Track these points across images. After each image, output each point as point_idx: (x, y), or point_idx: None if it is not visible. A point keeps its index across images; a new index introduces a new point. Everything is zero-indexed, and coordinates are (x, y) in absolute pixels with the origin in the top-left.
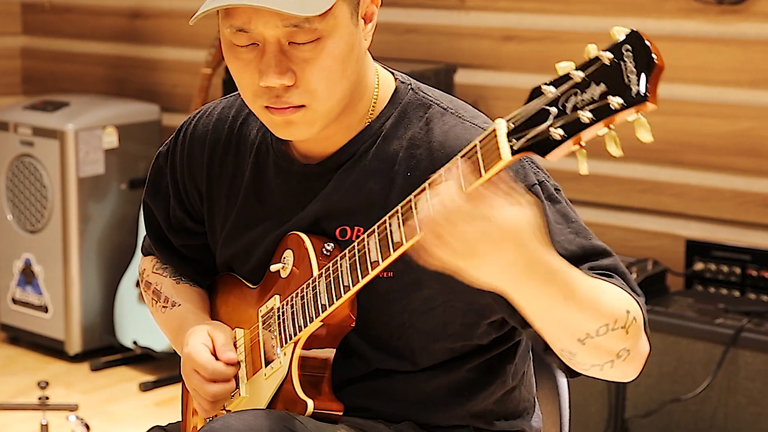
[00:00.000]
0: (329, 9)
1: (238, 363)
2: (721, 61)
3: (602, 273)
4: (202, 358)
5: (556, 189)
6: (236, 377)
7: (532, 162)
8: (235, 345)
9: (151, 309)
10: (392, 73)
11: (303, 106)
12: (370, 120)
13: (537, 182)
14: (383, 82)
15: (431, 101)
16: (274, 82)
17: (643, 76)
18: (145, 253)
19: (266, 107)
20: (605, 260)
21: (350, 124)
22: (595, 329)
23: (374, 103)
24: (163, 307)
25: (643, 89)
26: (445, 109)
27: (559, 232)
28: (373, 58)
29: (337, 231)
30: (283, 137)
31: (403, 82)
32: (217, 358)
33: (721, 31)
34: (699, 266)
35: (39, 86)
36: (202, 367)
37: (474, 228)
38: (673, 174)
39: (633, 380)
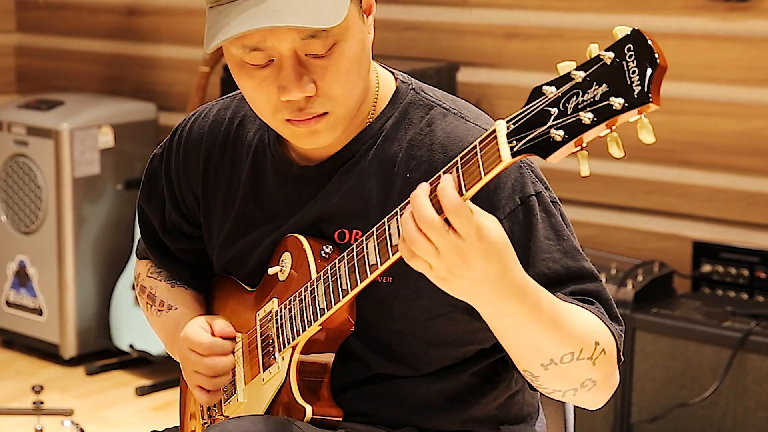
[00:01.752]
0: None
1: (235, 339)
2: (729, 59)
3: (583, 298)
4: (198, 337)
5: (553, 202)
6: (234, 382)
7: (532, 171)
8: (232, 350)
9: (146, 313)
10: (392, 73)
11: (326, 113)
12: (370, 121)
13: (534, 193)
14: (383, 82)
15: (433, 102)
16: (296, 95)
17: (645, 76)
18: (140, 257)
19: (287, 120)
20: (589, 285)
21: (352, 125)
22: (559, 356)
23: (375, 103)
24: (159, 310)
25: (645, 90)
26: (448, 110)
27: (546, 249)
28: (372, 57)
29: (336, 234)
30: (307, 146)
31: (404, 82)
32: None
33: (729, 29)
34: (706, 268)
35: (33, 84)
36: (198, 344)
37: (447, 242)
38: (680, 174)
39: (639, 387)
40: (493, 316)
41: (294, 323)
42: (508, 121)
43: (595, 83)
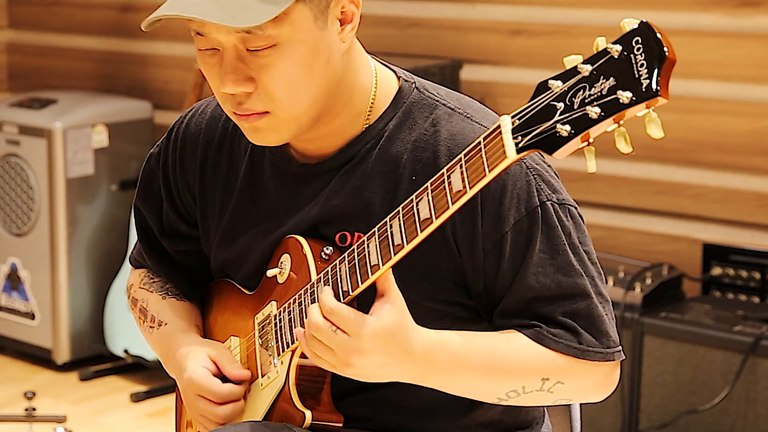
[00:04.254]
0: (279, 16)
1: (248, 380)
2: (740, 56)
3: (567, 322)
4: (208, 383)
5: (563, 207)
6: None
7: (540, 178)
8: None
9: (139, 327)
10: (394, 71)
11: (267, 112)
12: (368, 120)
13: (539, 203)
14: (383, 81)
15: (437, 101)
16: (231, 89)
17: (653, 69)
18: (135, 265)
19: (234, 112)
20: (580, 303)
21: (343, 126)
22: (503, 393)
23: (372, 102)
24: (150, 327)
25: (653, 83)
26: (453, 110)
27: (539, 263)
28: (373, 54)
29: (337, 236)
30: (255, 142)
31: (406, 81)
32: (222, 380)
33: (739, 25)
34: (717, 271)
35: (25, 82)
36: (210, 392)
37: (336, 341)
38: (690, 174)
39: (647, 393)
40: (414, 381)
41: (293, 326)
42: (513, 117)
43: (602, 77)
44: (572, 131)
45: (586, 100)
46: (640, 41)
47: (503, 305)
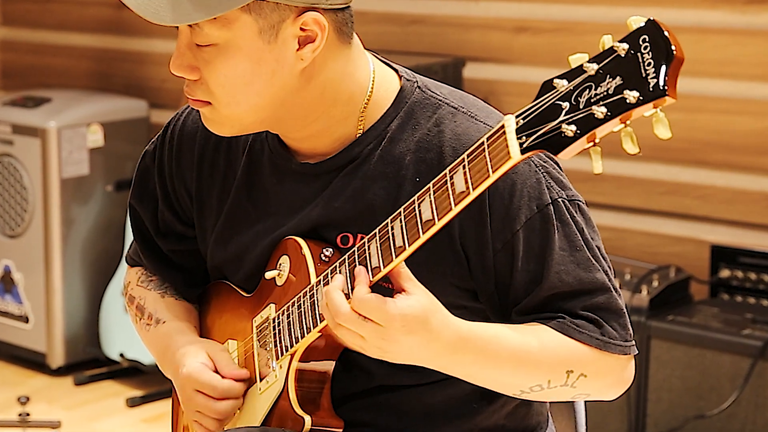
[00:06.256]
0: (220, 19)
1: (246, 380)
2: (748, 54)
3: (589, 316)
4: (207, 377)
5: (573, 203)
6: None
7: (549, 175)
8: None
9: (135, 325)
10: (396, 70)
11: (208, 102)
12: (362, 121)
13: (551, 201)
14: (383, 81)
15: (440, 100)
16: (175, 71)
17: (661, 68)
18: (131, 263)
19: None
20: (600, 297)
21: (329, 128)
22: (527, 386)
23: (366, 103)
24: (147, 324)
25: (661, 82)
26: (456, 109)
27: (560, 261)
28: (374, 52)
29: (339, 239)
30: (211, 131)
31: (408, 80)
32: (222, 377)
33: (747, 23)
34: (725, 273)
35: (19, 81)
36: (210, 386)
37: (366, 329)
38: (697, 175)
39: (654, 397)
40: (443, 369)
41: (292, 330)
42: (517, 116)
43: (608, 76)
44: (578, 131)
45: (592, 100)
46: (647, 39)
47: (524, 304)
